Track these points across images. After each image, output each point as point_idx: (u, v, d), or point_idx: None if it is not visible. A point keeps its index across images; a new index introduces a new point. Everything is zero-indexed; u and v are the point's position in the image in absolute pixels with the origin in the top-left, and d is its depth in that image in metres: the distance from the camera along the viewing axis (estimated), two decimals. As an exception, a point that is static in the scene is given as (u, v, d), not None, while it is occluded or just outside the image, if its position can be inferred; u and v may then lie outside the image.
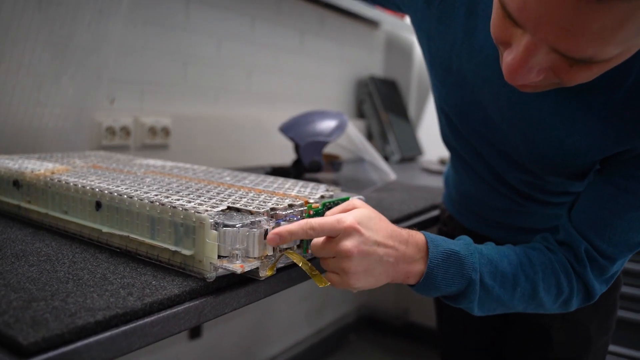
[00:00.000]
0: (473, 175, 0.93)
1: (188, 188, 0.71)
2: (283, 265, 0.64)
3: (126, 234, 0.64)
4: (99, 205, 0.67)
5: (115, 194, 0.66)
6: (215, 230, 0.56)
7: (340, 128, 1.27)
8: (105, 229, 0.66)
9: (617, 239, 0.69)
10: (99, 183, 0.72)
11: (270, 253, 0.60)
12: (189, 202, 0.62)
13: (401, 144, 2.21)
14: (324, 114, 1.31)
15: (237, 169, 1.46)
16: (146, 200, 0.62)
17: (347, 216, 0.60)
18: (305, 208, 0.65)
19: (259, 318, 1.88)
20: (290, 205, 0.65)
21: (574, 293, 0.72)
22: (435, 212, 1.16)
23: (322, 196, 0.72)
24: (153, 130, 1.33)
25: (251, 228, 0.57)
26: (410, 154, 2.25)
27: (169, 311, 0.52)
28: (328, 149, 1.40)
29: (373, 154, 1.34)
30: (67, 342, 0.44)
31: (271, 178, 0.84)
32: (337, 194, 0.75)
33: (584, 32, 0.47)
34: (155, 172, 0.84)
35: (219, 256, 0.57)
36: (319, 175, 1.34)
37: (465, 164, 0.93)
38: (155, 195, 0.65)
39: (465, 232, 1.04)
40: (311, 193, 0.73)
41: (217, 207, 0.60)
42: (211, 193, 0.69)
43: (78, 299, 0.51)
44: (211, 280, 0.57)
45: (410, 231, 0.66)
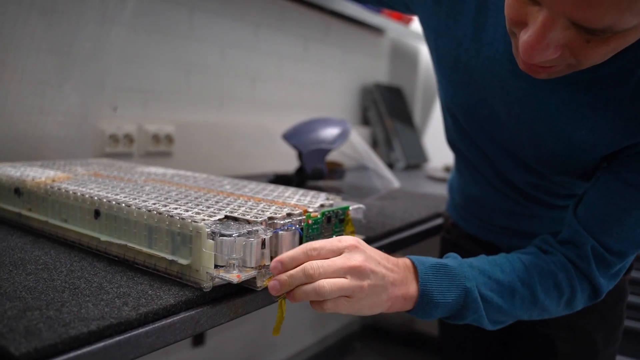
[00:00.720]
0: (478, 177, 0.93)
1: (187, 197, 0.71)
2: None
3: (124, 242, 0.64)
4: (97, 213, 0.67)
5: (113, 202, 0.66)
6: (212, 239, 0.56)
7: (343, 135, 1.27)
8: (103, 238, 0.66)
9: (625, 235, 0.69)
10: (98, 191, 0.72)
11: (267, 263, 0.59)
12: (187, 211, 0.61)
13: (406, 151, 2.20)
14: (327, 122, 1.30)
15: (240, 177, 1.46)
16: (144, 209, 0.62)
17: (347, 237, 0.61)
18: (304, 217, 0.65)
19: (262, 326, 1.88)
20: (288, 214, 0.64)
21: (576, 292, 0.72)
22: (439, 221, 1.15)
23: (322, 205, 0.72)
24: (156, 138, 1.33)
25: (248, 237, 0.57)
26: (416, 161, 2.24)
27: (164, 321, 0.52)
28: (331, 157, 1.40)
29: (376, 162, 1.33)
30: (60, 353, 0.44)
31: (271, 186, 0.84)
32: (337, 202, 0.75)
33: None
34: (155, 180, 0.84)
35: (216, 266, 0.57)
36: (321, 183, 1.34)
37: (470, 166, 0.93)
38: (154, 203, 0.65)
39: (468, 239, 1.03)
40: (311, 202, 0.73)
41: (215, 216, 0.60)
42: (210, 202, 0.68)
43: (73, 308, 0.50)
44: (208, 290, 0.56)
45: (397, 257, 0.66)
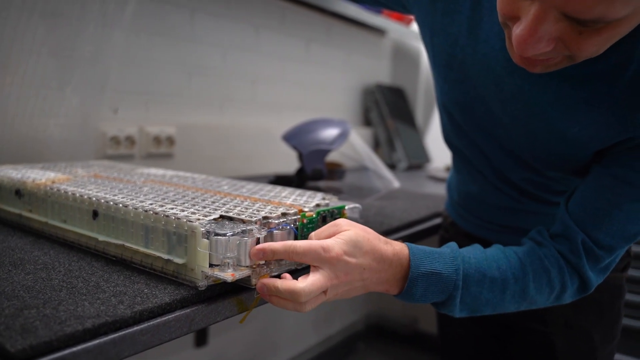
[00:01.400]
0: (475, 174, 0.93)
1: (184, 197, 0.72)
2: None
3: (121, 242, 0.65)
4: (95, 214, 0.68)
5: (111, 202, 0.67)
6: (207, 238, 0.57)
7: (342, 136, 1.28)
8: (101, 238, 0.67)
9: (615, 230, 0.70)
10: (97, 192, 0.73)
11: (262, 262, 0.60)
12: (182, 211, 0.62)
13: (408, 151, 2.20)
14: (326, 122, 1.31)
15: (241, 178, 1.47)
16: (140, 209, 0.63)
17: (334, 246, 0.59)
18: (299, 216, 0.66)
19: (265, 326, 1.88)
20: (283, 214, 0.65)
21: (566, 287, 0.72)
22: (437, 220, 1.16)
23: (318, 205, 0.72)
24: (158, 140, 1.34)
25: (242, 237, 0.58)
26: (418, 161, 2.25)
27: (159, 319, 0.53)
28: (332, 157, 1.41)
29: (376, 162, 1.34)
30: (55, 350, 0.45)
31: (269, 186, 0.84)
32: (333, 202, 0.75)
33: None
34: (154, 182, 0.85)
35: (211, 264, 0.57)
36: (322, 184, 1.35)
37: (468, 163, 0.93)
38: (150, 204, 0.66)
39: (467, 238, 1.04)
40: (306, 202, 0.73)
41: (210, 216, 0.61)
42: (206, 202, 0.69)
43: (69, 307, 0.51)
44: (203, 288, 0.57)
45: (396, 248, 0.65)
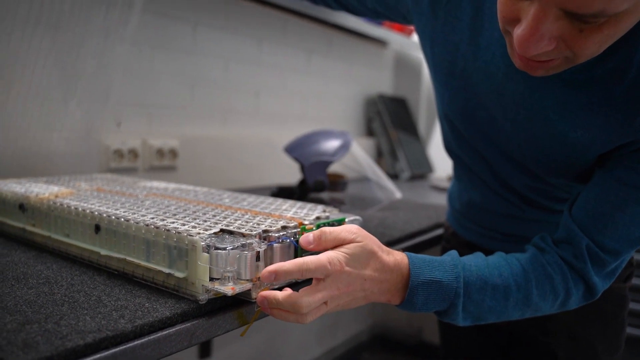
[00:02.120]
0: (477, 181, 0.94)
1: (185, 211, 0.72)
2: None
3: (123, 256, 0.65)
4: (98, 228, 0.69)
5: (113, 217, 0.67)
6: (207, 252, 0.57)
7: (344, 147, 1.28)
8: (103, 252, 0.67)
9: (620, 234, 0.70)
10: (99, 206, 0.73)
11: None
12: (183, 225, 0.63)
13: (411, 161, 2.21)
14: (328, 134, 1.32)
15: (244, 189, 1.47)
16: (142, 224, 0.64)
17: (337, 258, 0.60)
18: (299, 230, 0.66)
19: (269, 337, 1.88)
20: (283, 227, 0.65)
21: (571, 294, 0.72)
22: (439, 231, 1.16)
23: (318, 217, 0.73)
24: (161, 152, 1.35)
25: (242, 250, 0.58)
26: (421, 171, 2.25)
27: (159, 333, 0.53)
28: (334, 168, 1.41)
29: (378, 173, 1.34)
30: (56, 365, 0.45)
31: (270, 199, 0.85)
32: (334, 215, 0.76)
33: None
34: (156, 195, 0.86)
35: (211, 278, 0.58)
36: (324, 195, 1.35)
37: (469, 171, 0.94)
38: (152, 218, 0.66)
39: (468, 248, 1.04)
40: (307, 214, 0.74)
41: (210, 230, 0.61)
42: (207, 215, 0.70)
43: (71, 321, 0.52)
44: (203, 302, 0.58)
45: (397, 258, 0.66)
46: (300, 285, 0.62)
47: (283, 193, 1.30)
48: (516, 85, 0.73)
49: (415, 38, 2.35)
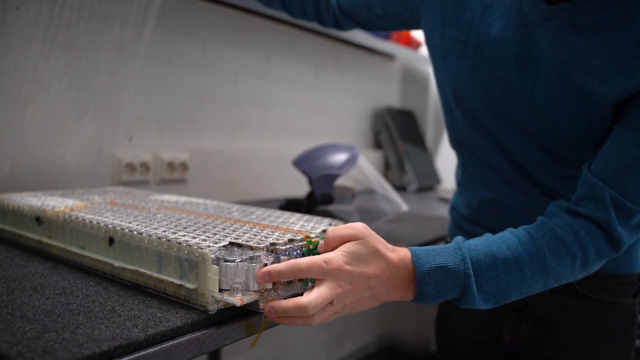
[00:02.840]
0: (490, 176, 0.94)
1: (196, 224, 0.75)
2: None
3: (136, 268, 0.68)
4: (111, 241, 0.72)
5: (126, 230, 0.70)
6: (217, 265, 0.60)
7: (351, 161, 1.31)
8: (117, 264, 0.70)
9: None
10: (112, 220, 0.76)
11: (269, 286, 0.62)
12: (194, 238, 0.65)
13: (418, 173, 2.23)
14: (335, 147, 1.34)
15: (253, 202, 1.50)
16: (154, 237, 0.66)
17: (335, 258, 0.61)
18: (305, 242, 0.68)
19: (278, 347, 1.90)
20: (290, 240, 0.68)
21: (589, 253, 0.71)
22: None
23: (324, 230, 0.75)
24: (172, 166, 1.38)
25: (250, 263, 0.61)
26: (428, 183, 2.27)
27: (171, 342, 0.55)
28: (342, 181, 1.43)
29: (385, 186, 1.36)
30: (74, 371, 0.48)
31: (278, 213, 0.87)
32: (339, 227, 0.78)
33: None
34: (167, 208, 0.89)
35: (220, 289, 0.60)
36: (332, 207, 1.37)
37: (482, 165, 0.94)
38: (164, 231, 0.69)
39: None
40: (313, 227, 0.76)
41: (219, 243, 0.64)
42: (217, 229, 0.72)
43: (87, 330, 0.54)
44: (213, 312, 0.60)
45: (400, 252, 0.67)
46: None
47: (291, 205, 1.32)
48: (532, 42, 0.78)
49: (422, 51, 2.38)
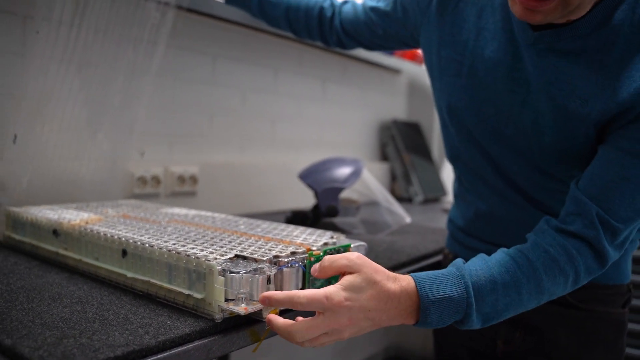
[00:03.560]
0: (484, 189, 0.97)
1: (204, 237, 0.79)
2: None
3: (147, 278, 0.72)
4: (125, 253, 0.76)
5: (139, 243, 0.74)
6: (223, 276, 0.64)
7: (355, 174, 1.35)
8: (129, 274, 0.74)
9: (627, 202, 0.73)
10: (125, 232, 0.80)
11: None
12: (202, 251, 0.69)
13: (424, 185, 2.26)
14: (340, 161, 1.38)
15: (261, 214, 1.54)
16: (164, 249, 0.71)
17: (336, 294, 0.62)
18: (307, 255, 0.72)
19: (283, 357, 1.93)
20: (292, 253, 0.72)
21: (579, 271, 0.74)
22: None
23: (326, 243, 0.79)
24: (182, 179, 1.43)
25: (254, 274, 0.65)
26: (434, 194, 2.30)
27: (180, 348, 0.59)
28: (347, 194, 1.47)
29: (388, 198, 1.40)
30: (90, 375, 0.52)
31: (282, 226, 0.91)
32: (340, 241, 0.82)
33: None
34: (177, 221, 0.93)
35: (226, 299, 0.64)
36: (337, 220, 1.41)
37: (476, 178, 0.98)
38: (174, 244, 0.73)
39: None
40: (315, 240, 0.80)
41: (226, 255, 0.68)
42: (224, 241, 0.76)
43: (102, 336, 0.58)
44: (219, 321, 0.64)
45: (402, 282, 0.67)
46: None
47: (297, 218, 1.36)
48: (523, 63, 0.82)
49: (427, 65, 2.41)
